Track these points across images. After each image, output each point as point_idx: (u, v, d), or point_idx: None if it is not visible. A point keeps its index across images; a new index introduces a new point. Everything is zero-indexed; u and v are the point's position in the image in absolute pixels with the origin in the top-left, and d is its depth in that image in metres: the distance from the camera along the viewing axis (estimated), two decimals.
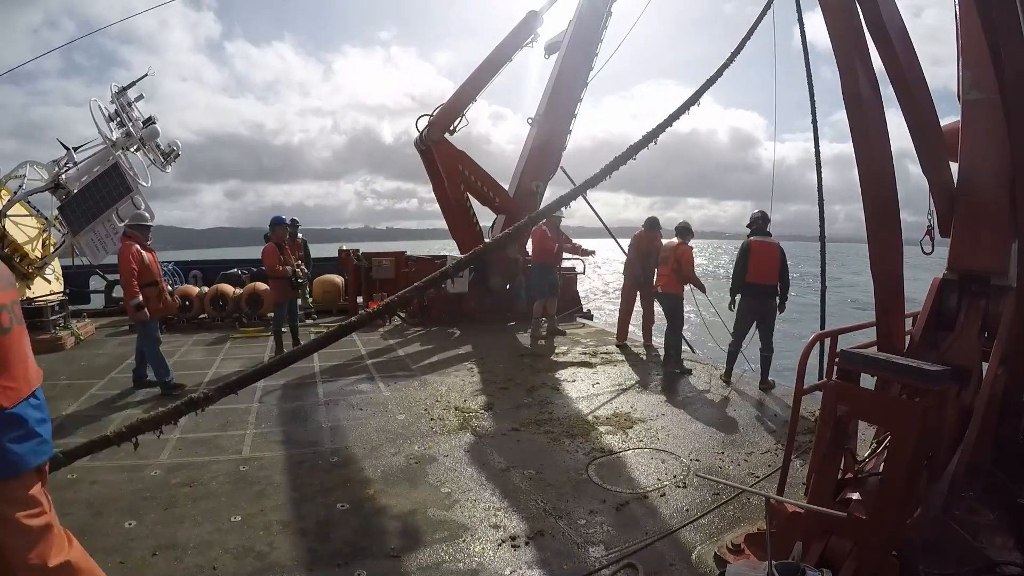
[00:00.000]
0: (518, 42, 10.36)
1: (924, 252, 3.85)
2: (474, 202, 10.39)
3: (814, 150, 7.07)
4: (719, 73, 2.59)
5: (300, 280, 7.98)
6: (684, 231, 7.38)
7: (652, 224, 8.46)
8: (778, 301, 6.45)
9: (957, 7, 3.45)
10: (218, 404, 6.29)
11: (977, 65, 3.24)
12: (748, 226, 6.66)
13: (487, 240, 10.82)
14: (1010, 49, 2.27)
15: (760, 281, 6.37)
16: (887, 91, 3.06)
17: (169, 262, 11.41)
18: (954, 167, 3.60)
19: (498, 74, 10.43)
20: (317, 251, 11.16)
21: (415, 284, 1.89)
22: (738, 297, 6.64)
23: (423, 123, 10.11)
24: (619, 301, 8.89)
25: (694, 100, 2.34)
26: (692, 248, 7.38)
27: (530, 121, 10.68)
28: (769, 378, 6.51)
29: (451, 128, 10.03)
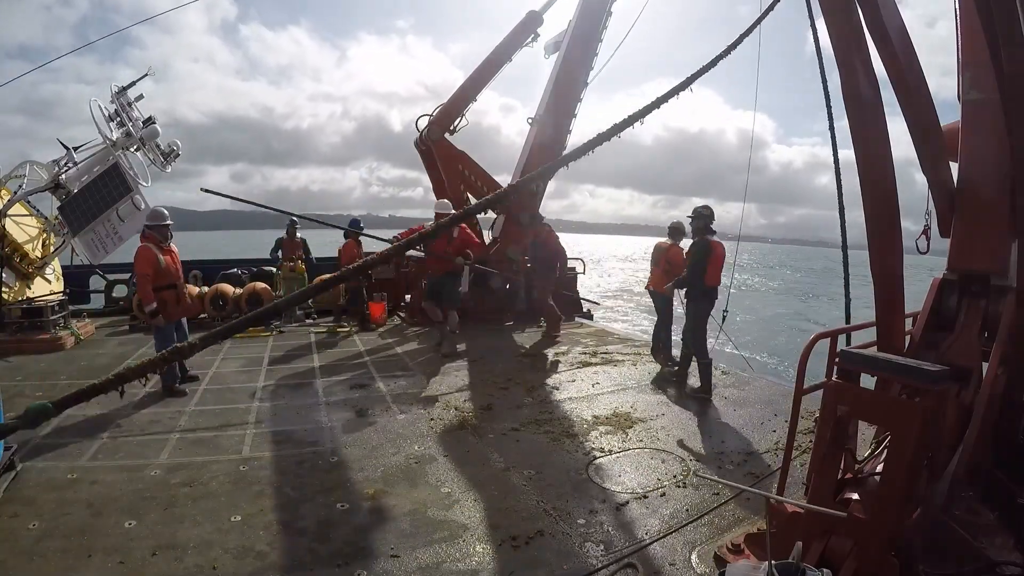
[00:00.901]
0: (518, 42, 10.37)
1: (920, 251, 3.85)
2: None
3: (832, 152, 6.92)
4: (737, 42, 2.56)
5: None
6: (675, 232, 7.37)
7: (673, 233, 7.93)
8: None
9: (957, 7, 3.46)
10: (218, 404, 6.27)
11: (977, 65, 3.25)
12: (693, 223, 6.35)
13: (486, 240, 10.88)
14: (1010, 49, 2.27)
15: (716, 284, 6.27)
16: (888, 96, 3.08)
17: None
18: (954, 167, 3.60)
19: (500, 72, 10.48)
20: (318, 237, 11.42)
21: (340, 272, 1.86)
22: (683, 295, 6.45)
23: (423, 123, 10.12)
24: (615, 303, 8.88)
25: (703, 72, 2.32)
26: (683, 250, 7.28)
27: (530, 121, 10.69)
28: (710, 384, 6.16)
29: (451, 128, 10.03)
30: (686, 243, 7.28)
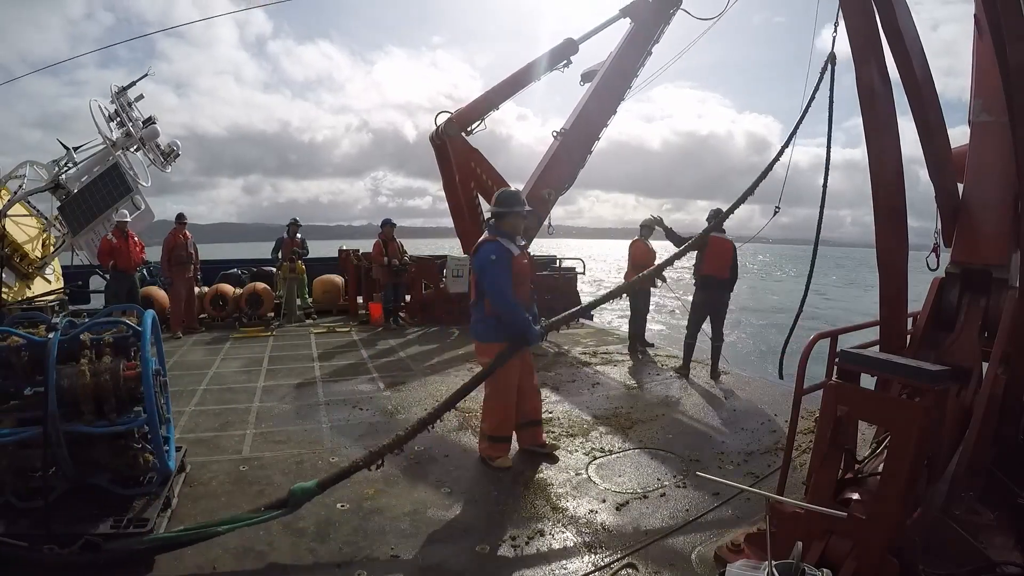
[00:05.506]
0: (551, 65, 10.50)
1: (929, 268, 3.87)
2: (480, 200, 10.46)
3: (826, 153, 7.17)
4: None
5: (398, 266, 10.06)
6: (642, 228, 7.92)
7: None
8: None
9: (974, 39, 3.54)
10: (218, 404, 6.26)
11: (988, 91, 3.33)
12: (707, 221, 6.89)
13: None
14: (1015, 43, 2.31)
15: (714, 273, 6.81)
16: (899, 97, 3.14)
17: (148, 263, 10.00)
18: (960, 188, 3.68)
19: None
20: (318, 248, 11.59)
21: None
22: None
23: (442, 119, 10.19)
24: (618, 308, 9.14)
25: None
26: (642, 242, 7.93)
27: (555, 134, 10.72)
28: (719, 367, 6.96)
29: (468, 129, 10.10)
30: (663, 244, 7.72)
